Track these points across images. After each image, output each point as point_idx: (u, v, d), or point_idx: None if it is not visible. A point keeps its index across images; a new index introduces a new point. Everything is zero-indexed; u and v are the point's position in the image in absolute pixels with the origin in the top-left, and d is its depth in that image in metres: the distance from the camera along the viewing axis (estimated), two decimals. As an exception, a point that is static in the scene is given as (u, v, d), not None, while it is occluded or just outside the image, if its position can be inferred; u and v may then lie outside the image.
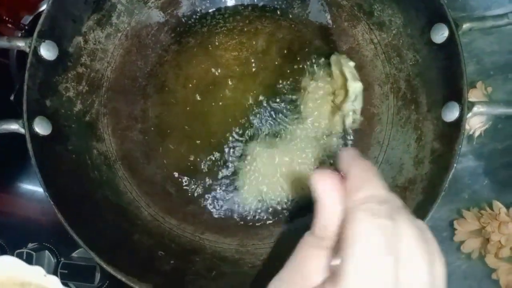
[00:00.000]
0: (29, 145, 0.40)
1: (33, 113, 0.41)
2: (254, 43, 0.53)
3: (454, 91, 0.41)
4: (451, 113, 0.41)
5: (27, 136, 0.40)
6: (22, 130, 0.40)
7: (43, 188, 0.39)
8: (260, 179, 0.49)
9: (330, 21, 0.51)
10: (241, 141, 0.50)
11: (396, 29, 0.47)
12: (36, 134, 0.41)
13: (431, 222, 0.39)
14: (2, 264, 0.39)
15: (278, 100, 0.51)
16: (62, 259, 0.55)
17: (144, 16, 0.50)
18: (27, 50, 0.41)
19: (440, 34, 0.42)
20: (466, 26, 0.41)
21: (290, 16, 0.52)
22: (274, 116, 0.51)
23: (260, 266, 0.44)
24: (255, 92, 0.51)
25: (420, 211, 0.39)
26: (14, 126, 0.40)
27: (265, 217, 0.49)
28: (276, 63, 0.52)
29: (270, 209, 0.49)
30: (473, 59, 0.58)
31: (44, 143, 0.41)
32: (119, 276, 0.38)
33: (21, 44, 0.41)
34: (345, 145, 0.50)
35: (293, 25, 0.52)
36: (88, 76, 0.47)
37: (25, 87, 0.41)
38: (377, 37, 0.49)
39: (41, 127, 0.42)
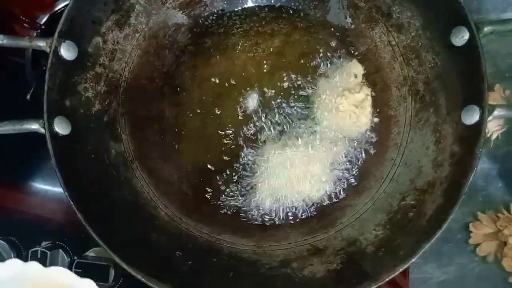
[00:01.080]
0: (49, 145, 0.40)
1: (53, 113, 0.41)
2: (270, 44, 0.52)
3: (475, 94, 0.40)
4: (471, 116, 0.41)
5: (47, 136, 0.40)
6: (42, 130, 0.40)
7: (62, 188, 0.39)
8: (276, 180, 0.49)
9: (347, 23, 0.51)
10: (257, 142, 0.50)
11: (415, 31, 0.46)
12: (56, 134, 0.41)
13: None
14: (53, 274, 0.39)
15: (294, 102, 0.51)
16: (75, 257, 0.55)
17: (161, 17, 0.50)
18: (48, 50, 0.41)
19: (460, 37, 0.42)
20: (487, 29, 0.41)
21: (307, 17, 0.52)
22: (290, 117, 0.51)
23: (277, 268, 0.44)
24: (271, 93, 0.51)
25: (440, 214, 0.39)
26: (34, 126, 0.40)
27: (280, 219, 0.49)
28: (292, 64, 0.52)
29: (286, 210, 0.49)
30: (489, 62, 0.58)
31: (64, 143, 0.41)
32: (139, 276, 0.38)
33: (41, 44, 0.42)
34: (361, 147, 0.50)
35: (310, 27, 0.52)
36: (107, 76, 0.47)
37: (45, 87, 0.41)
38: (395, 39, 0.48)
39: (61, 127, 0.42)
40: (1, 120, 0.41)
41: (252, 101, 0.51)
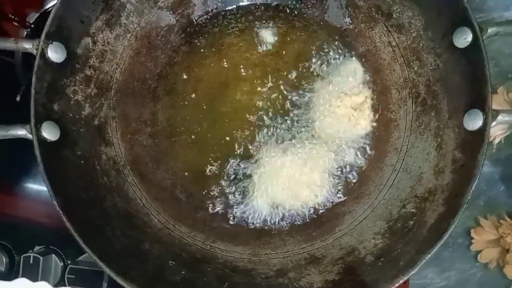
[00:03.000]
0: (37, 152, 0.39)
1: (41, 117, 0.40)
2: (266, 44, 0.51)
3: (478, 98, 0.39)
4: (474, 122, 0.39)
5: (35, 143, 0.39)
6: (29, 136, 0.39)
7: (51, 196, 0.38)
8: (273, 185, 0.48)
9: (346, 22, 0.50)
10: (254, 146, 0.49)
11: (416, 32, 0.45)
12: (44, 140, 0.40)
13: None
14: None
15: (290, 104, 0.50)
16: (68, 261, 0.54)
17: (154, 16, 0.49)
18: (34, 52, 0.40)
19: (463, 39, 0.40)
20: (491, 30, 0.39)
21: (304, 16, 0.51)
22: (287, 120, 0.49)
23: (274, 277, 0.43)
24: (267, 94, 0.50)
25: (441, 224, 0.38)
26: (21, 132, 0.39)
27: (277, 225, 0.48)
28: (289, 65, 0.51)
29: (283, 216, 0.48)
30: (491, 62, 0.56)
31: (52, 149, 0.40)
32: (129, 288, 0.37)
33: (28, 46, 0.40)
34: (360, 152, 0.48)
35: (307, 26, 0.51)
36: (97, 79, 0.46)
37: (32, 91, 0.39)
38: (395, 40, 0.47)
39: (49, 132, 0.40)
40: (-13, 124, 0.39)
41: (247, 103, 0.50)
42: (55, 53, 0.41)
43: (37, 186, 0.59)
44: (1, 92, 0.58)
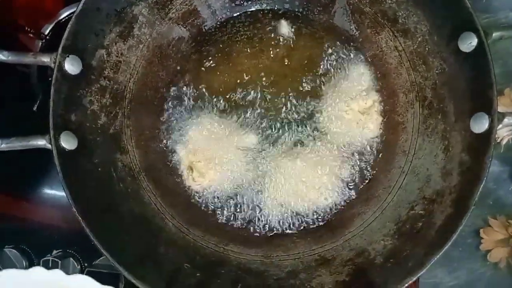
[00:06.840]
0: (56, 161, 0.40)
1: (59, 128, 0.41)
2: (274, 50, 0.52)
3: (483, 102, 0.40)
4: (480, 124, 0.40)
5: (54, 152, 0.40)
6: (49, 146, 0.40)
7: (71, 204, 0.39)
8: (283, 189, 0.49)
9: (352, 28, 0.51)
10: (263, 151, 0.50)
11: (422, 37, 0.46)
12: (63, 150, 0.41)
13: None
14: (79, 283, 0.40)
15: (299, 109, 0.51)
16: (86, 264, 0.56)
17: (165, 27, 0.50)
18: (52, 65, 0.41)
19: (468, 43, 0.41)
20: (496, 35, 0.40)
21: (312, 23, 0.52)
22: (296, 125, 0.50)
23: (285, 279, 0.44)
24: (276, 100, 0.51)
25: (449, 225, 0.39)
26: (41, 142, 0.40)
27: (288, 228, 0.49)
28: (297, 71, 0.51)
29: (293, 219, 0.49)
30: (498, 61, 0.57)
31: (71, 158, 0.41)
32: (148, 291, 0.38)
33: (46, 59, 0.42)
34: (369, 155, 0.49)
35: (314, 32, 0.52)
36: (112, 89, 0.47)
37: (50, 103, 0.41)
38: (401, 44, 0.48)
39: (67, 142, 0.42)
40: (8, 135, 0.41)
41: (257, 109, 0.51)
42: (71, 66, 0.42)
43: (54, 192, 0.60)
44: (19, 102, 0.60)
